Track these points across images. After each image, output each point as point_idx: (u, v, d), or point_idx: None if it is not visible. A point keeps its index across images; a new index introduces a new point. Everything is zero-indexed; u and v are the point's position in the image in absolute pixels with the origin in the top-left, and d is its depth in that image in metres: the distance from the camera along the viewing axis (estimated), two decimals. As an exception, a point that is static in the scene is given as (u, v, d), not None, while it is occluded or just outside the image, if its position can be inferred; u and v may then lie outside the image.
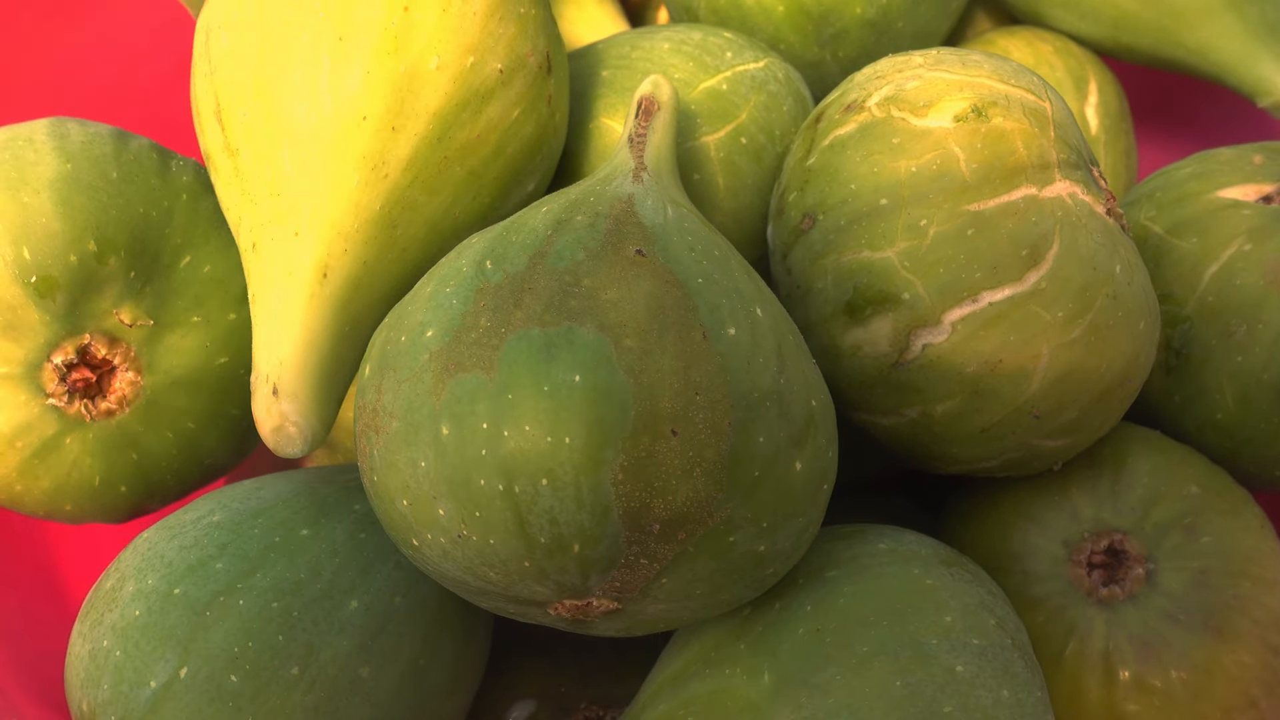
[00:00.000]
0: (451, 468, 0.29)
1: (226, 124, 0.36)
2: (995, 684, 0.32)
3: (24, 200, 0.35)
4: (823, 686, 0.32)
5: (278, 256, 0.36)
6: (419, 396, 0.29)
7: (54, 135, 0.37)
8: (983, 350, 0.35)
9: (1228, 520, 0.38)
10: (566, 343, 0.29)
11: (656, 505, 0.29)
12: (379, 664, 0.34)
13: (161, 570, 0.34)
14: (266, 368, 0.35)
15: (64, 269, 0.35)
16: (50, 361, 0.36)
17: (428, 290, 0.32)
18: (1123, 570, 0.38)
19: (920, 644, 0.32)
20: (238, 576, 0.33)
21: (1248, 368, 0.40)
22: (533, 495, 0.28)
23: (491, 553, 0.29)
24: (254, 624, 0.32)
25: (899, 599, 0.33)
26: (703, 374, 0.29)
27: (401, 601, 0.35)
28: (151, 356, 0.38)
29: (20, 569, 0.47)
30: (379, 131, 0.35)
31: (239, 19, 0.36)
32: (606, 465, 0.28)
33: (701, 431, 0.29)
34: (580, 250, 0.31)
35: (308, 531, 0.35)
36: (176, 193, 0.39)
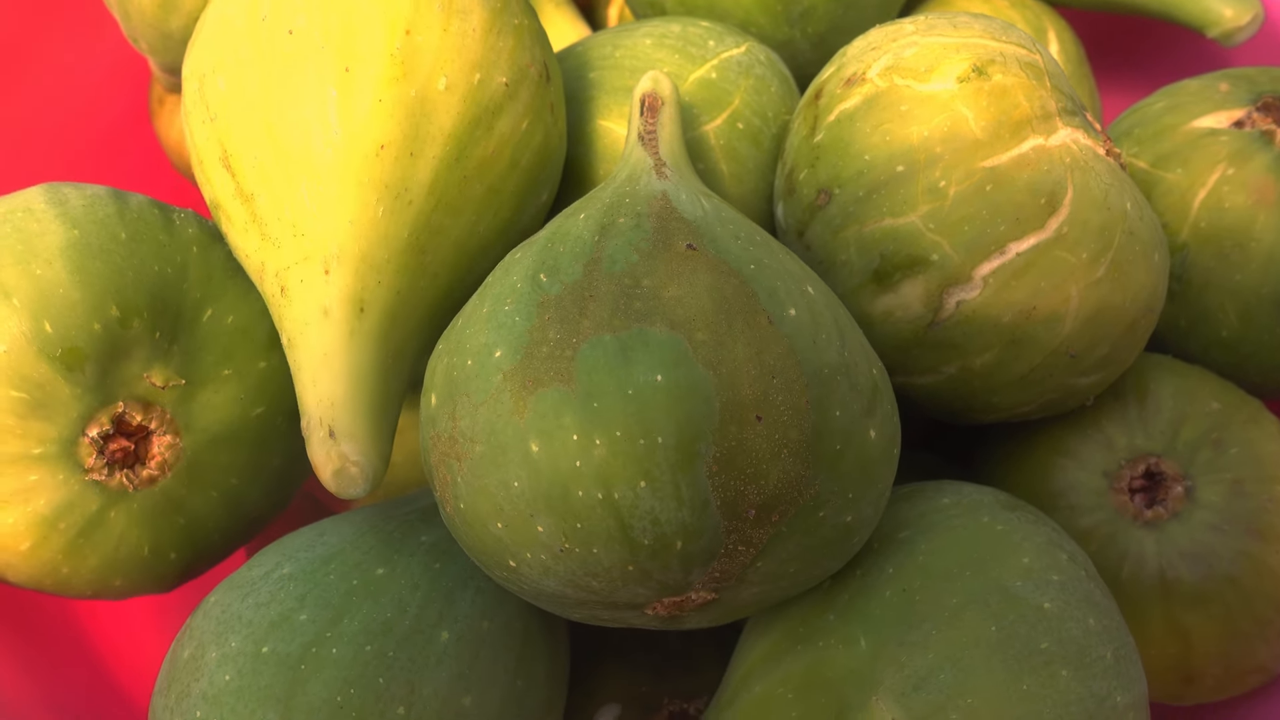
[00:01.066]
0: (547, 483, 0.29)
1: (237, 169, 0.35)
2: (1081, 614, 0.33)
3: (36, 272, 0.34)
4: (920, 643, 0.33)
5: (310, 297, 0.35)
6: (500, 418, 0.29)
7: (53, 202, 0.36)
8: (1016, 300, 0.36)
9: (1250, 430, 0.40)
10: (641, 344, 0.29)
11: (751, 491, 0.29)
12: (479, 691, 0.33)
13: (243, 631, 0.33)
14: (318, 411, 0.34)
15: (89, 338, 0.34)
16: (85, 436, 0.35)
17: (484, 311, 0.32)
18: (1163, 491, 0.40)
19: (1005, 588, 0.33)
20: (324, 625, 0.33)
21: (1246, 285, 0.42)
22: (633, 499, 0.28)
23: (595, 562, 0.29)
24: (351, 670, 0.32)
25: (975, 548, 0.34)
26: (775, 357, 0.29)
27: (489, 626, 0.35)
28: (187, 416, 0.37)
29: (56, 648, 0.45)
30: (398, 159, 0.35)
31: (235, 61, 0.35)
32: (701, 459, 0.28)
33: (784, 414, 0.29)
34: (633, 252, 0.31)
35: (383, 570, 0.35)
36: (186, 246, 0.38)
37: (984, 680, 0.31)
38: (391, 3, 0.35)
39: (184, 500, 0.37)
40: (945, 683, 0.32)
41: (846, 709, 0.33)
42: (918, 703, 0.32)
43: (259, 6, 0.35)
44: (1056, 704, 0.31)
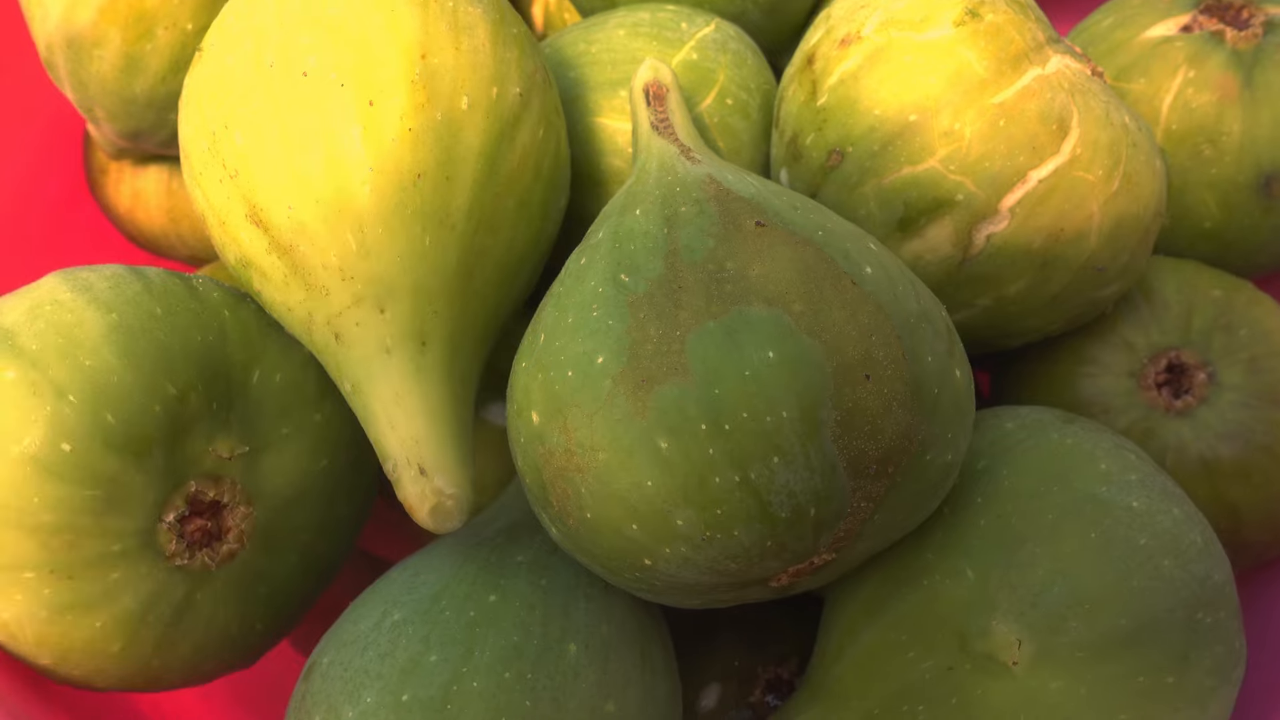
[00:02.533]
0: (683, 477, 0.29)
1: (269, 223, 0.34)
2: (1165, 506, 0.35)
3: (86, 364, 0.32)
4: (1027, 563, 0.34)
5: (369, 339, 0.35)
6: (620, 422, 0.29)
7: (77, 288, 0.34)
8: (1043, 224, 0.38)
9: (1253, 310, 0.43)
10: (744, 325, 0.29)
11: (870, 448, 0.30)
12: (618, 694, 0.34)
13: (375, 685, 0.32)
14: (404, 451, 0.34)
15: (152, 421, 0.33)
16: (163, 522, 0.34)
17: (569, 321, 0.32)
18: (1187, 380, 0.42)
19: (1093, 495, 0.35)
20: (458, 662, 0.32)
21: (1223, 176, 0.44)
22: (769, 476, 0.29)
23: (735, 544, 0.30)
24: (497, 700, 0.32)
25: (1054, 464, 0.36)
26: (867, 316, 0.30)
27: (609, 630, 0.35)
28: (256, 483, 0.36)
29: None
30: (436, 185, 0.34)
31: (249, 113, 0.34)
32: (824, 425, 0.29)
33: (887, 369, 0.30)
34: (707, 238, 0.32)
35: (495, 597, 0.34)
36: (217, 311, 0.36)
37: (1096, 584, 0.33)
38: (402, 29, 0.34)
39: (264, 568, 0.36)
40: (1060, 594, 0.33)
41: (966, 638, 0.34)
42: (1038, 618, 0.33)
43: (263, 54, 0.34)
44: (1166, 593, 0.33)
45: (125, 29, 0.40)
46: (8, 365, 0.32)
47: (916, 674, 0.36)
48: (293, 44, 0.34)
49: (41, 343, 0.32)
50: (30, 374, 0.32)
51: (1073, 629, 0.33)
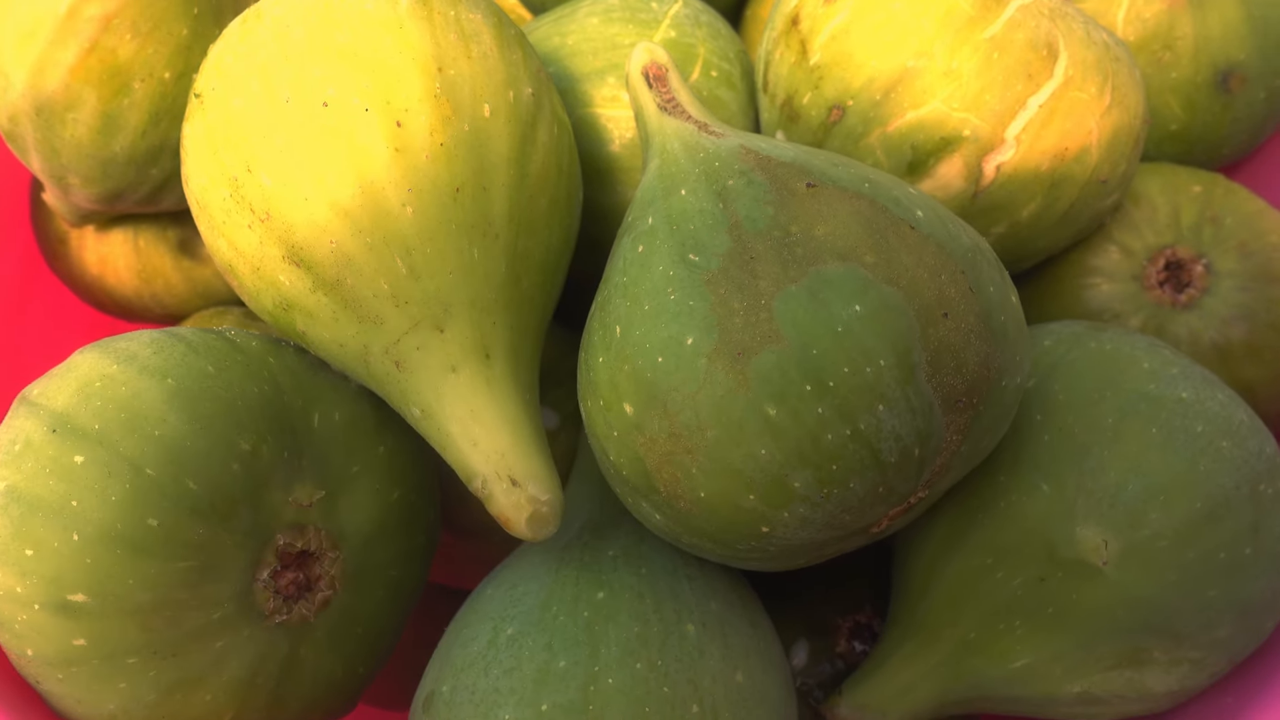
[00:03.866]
0: (795, 439, 0.29)
1: (311, 261, 0.33)
2: (1210, 392, 0.37)
3: (156, 434, 0.31)
4: (1098, 467, 0.36)
5: (432, 362, 0.34)
6: (724, 397, 0.30)
7: (123, 359, 0.33)
8: (1049, 146, 0.39)
9: (1231, 199, 0.46)
10: (825, 284, 0.30)
11: (957, 383, 0.31)
12: (744, 665, 0.34)
13: (510, 701, 0.32)
14: (491, 466, 0.33)
15: (233, 481, 0.32)
16: (258, 581, 0.33)
17: (645, 309, 0.32)
18: (1187, 274, 0.45)
19: (1145, 393, 0.37)
20: (587, 662, 0.32)
21: (1183, 78, 0.47)
22: (876, 425, 0.30)
23: (851, 496, 0.31)
24: (637, 691, 0.32)
25: (1101, 371, 0.38)
26: (932, 257, 0.31)
27: (718, 605, 0.36)
28: (338, 526, 0.35)
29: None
30: (475, 196, 0.34)
31: (273, 152, 0.33)
32: (918, 368, 0.30)
33: (959, 304, 0.31)
34: (765, 206, 0.32)
35: (603, 594, 0.34)
36: (262, 359, 0.35)
37: (1166, 475, 0.35)
38: (414, 45, 0.34)
39: (357, 609, 0.36)
40: (1135, 491, 0.35)
41: (1054, 548, 0.36)
42: (1118, 516, 0.35)
43: (276, 90, 0.33)
44: (1229, 471, 0.35)
45: (100, 87, 0.38)
46: (74, 449, 0.31)
47: (1008, 592, 0.37)
48: (306, 76, 0.33)
49: (104, 420, 0.31)
50: (100, 454, 0.31)
51: (1153, 520, 0.35)
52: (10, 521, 0.31)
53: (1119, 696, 0.37)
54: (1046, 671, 0.37)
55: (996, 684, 0.38)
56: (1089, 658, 0.36)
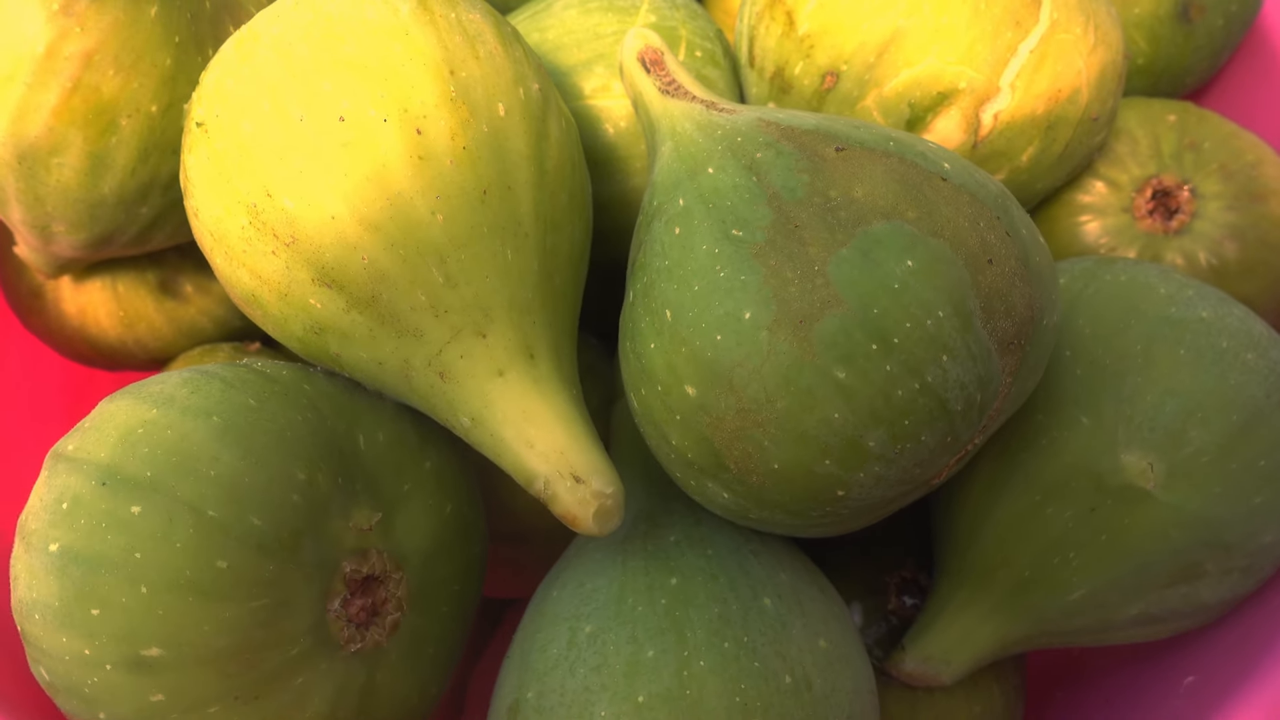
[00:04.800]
0: (868, 400, 0.30)
1: (344, 281, 0.33)
2: (1226, 309, 0.38)
3: (211, 474, 0.30)
4: (1133, 394, 0.37)
5: (478, 368, 0.34)
6: (790, 366, 0.30)
7: (161, 402, 0.32)
8: (1042, 89, 0.40)
9: (1205, 125, 0.47)
10: (875, 244, 0.30)
11: (1008, 326, 0.32)
12: (825, 631, 0.34)
13: (604, 697, 0.32)
14: (552, 465, 0.33)
15: (295, 513, 0.31)
16: (330, 612, 0.32)
17: (695, 289, 0.32)
18: (1174, 201, 0.46)
19: (1167, 317, 0.38)
20: (676, 649, 0.32)
21: (1146, 13, 0.48)
22: (942, 376, 0.30)
23: (922, 448, 0.31)
24: (729, 671, 0.32)
25: (1121, 301, 0.39)
26: (968, 206, 0.32)
27: (787, 576, 0.36)
28: (398, 546, 0.35)
29: None
30: (502, 197, 0.34)
31: (293, 174, 0.32)
32: (974, 316, 0.31)
33: (1001, 250, 0.32)
34: (800, 174, 0.32)
35: (676, 580, 0.34)
36: (297, 387, 0.35)
37: (1200, 392, 0.36)
38: (423, 50, 0.33)
39: (425, 628, 0.35)
40: (1173, 412, 0.36)
41: (1101, 478, 0.37)
42: (1160, 439, 0.36)
43: (287, 109, 0.32)
44: (1258, 381, 0.36)
45: (85, 127, 0.37)
46: (129, 500, 0.30)
47: (1059, 526, 0.38)
48: (318, 92, 0.32)
49: (155, 467, 0.30)
50: (158, 501, 0.30)
51: (1194, 438, 0.36)
52: (70, 583, 0.29)
53: (1174, 613, 0.38)
54: (1104, 599, 0.38)
55: (1055, 618, 0.39)
56: (1145, 580, 0.37)
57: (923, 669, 0.40)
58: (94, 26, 0.36)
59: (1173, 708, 0.39)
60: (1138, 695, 0.41)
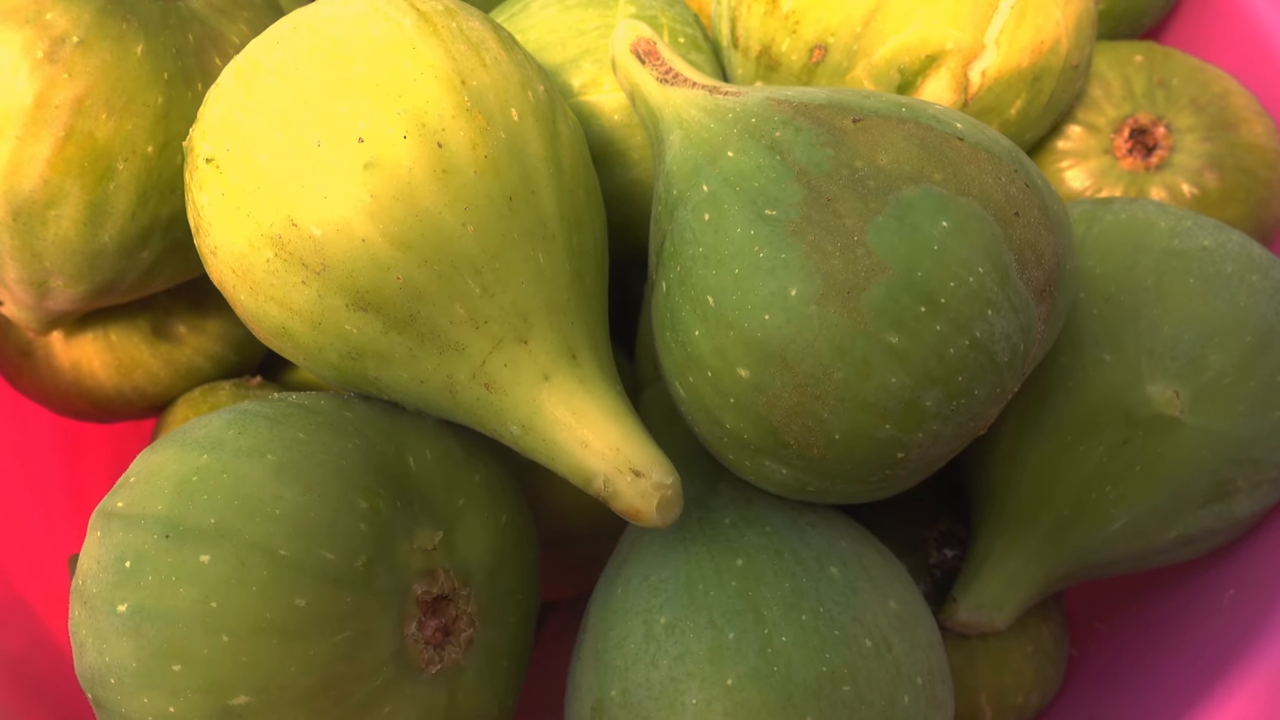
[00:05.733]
0: (922, 361, 0.30)
1: (381, 303, 0.32)
2: (1224, 236, 0.40)
3: (276, 513, 0.30)
4: (1151, 328, 0.38)
5: (523, 376, 0.34)
6: (844, 337, 0.30)
7: (209, 447, 0.31)
8: (1026, 43, 0.41)
9: (1170, 62, 0.49)
10: (908, 209, 0.31)
11: (1039, 274, 0.32)
12: (892, 592, 0.35)
13: (693, 685, 0.32)
14: (610, 463, 0.33)
15: (364, 543, 0.31)
16: (407, 637, 0.32)
17: (736, 272, 0.32)
18: (1151, 138, 0.48)
19: (1172, 249, 0.39)
20: (755, 628, 0.33)
21: (1102, -42, 0.50)
22: (989, 330, 0.31)
23: (976, 402, 0.32)
24: (811, 642, 0.32)
25: (1125, 239, 0.40)
26: (988, 163, 0.33)
27: (846, 544, 0.36)
28: (462, 563, 0.34)
29: None
30: (527, 202, 0.34)
31: (316, 199, 0.32)
32: (1010, 268, 0.31)
33: (1024, 202, 0.32)
34: (823, 148, 0.33)
35: (742, 560, 0.35)
36: (338, 414, 0.34)
37: (1214, 318, 0.37)
38: (432, 63, 0.33)
39: (497, 641, 0.35)
40: (1191, 339, 0.37)
41: (1129, 411, 0.38)
42: (1182, 366, 0.37)
43: (304, 136, 0.32)
44: (1266, 301, 0.38)
45: (82, 175, 0.36)
46: (197, 549, 0.29)
47: (1093, 462, 0.39)
48: (333, 116, 0.32)
49: (218, 512, 0.29)
50: (227, 547, 0.29)
51: (1213, 362, 0.37)
52: (147, 642, 0.29)
53: (1210, 531, 0.40)
54: (1143, 526, 0.39)
55: (1097, 550, 0.40)
56: (1181, 503, 0.39)
57: (976, 617, 0.41)
58: (82, 71, 0.35)
59: (1216, 623, 0.40)
60: (1179, 615, 0.43)
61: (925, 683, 0.34)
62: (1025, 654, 0.43)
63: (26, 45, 0.34)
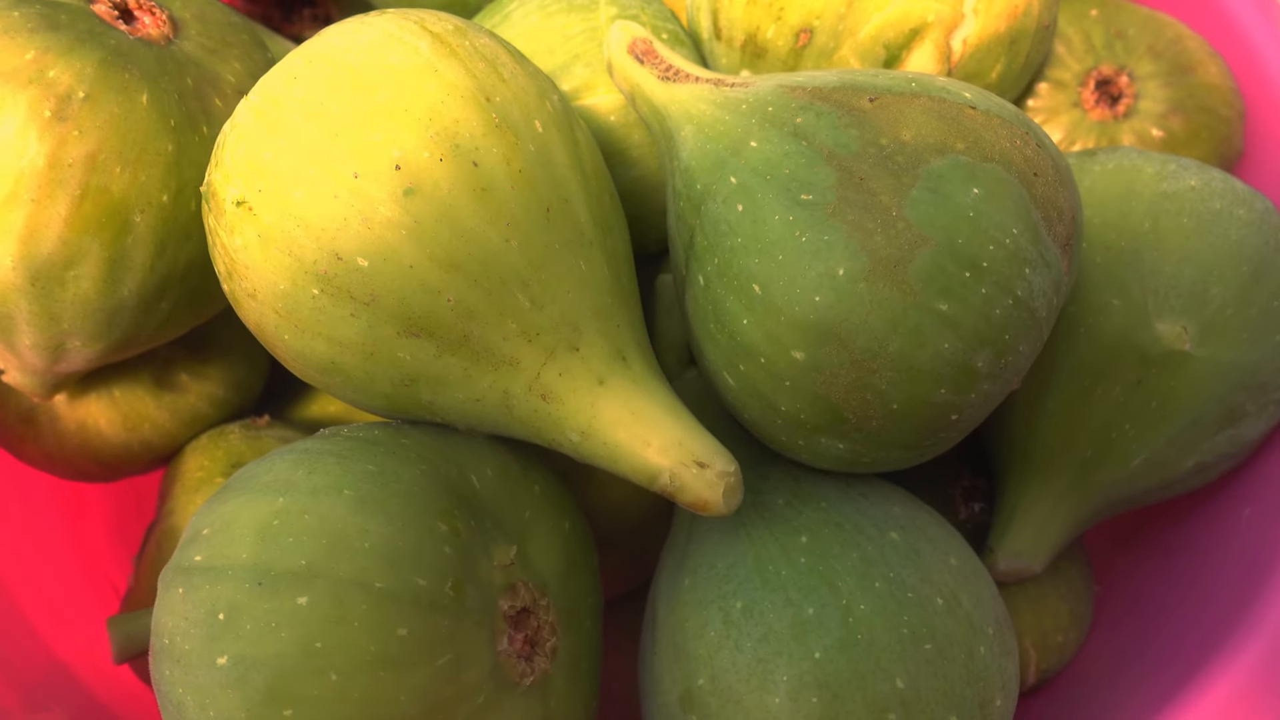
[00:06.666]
0: (972, 324, 0.32)
1: (434, 328, 0.32)
2: (1208, 174, 0.42)
3: (365, 547, 0.30)
4: (1152, 269, 0.40)
5: (579, 383, 0.34)
6: (896, 309, 0.31)
7: (284, 489, 0.31)
8: (1001, 8, 0.43)
9: (1123, 13, 0.51)
10: (939, 180, 0.32)
11: (1061, 229, 0.34)
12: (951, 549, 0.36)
13: (781, 662, 0.33)
14: (674, 457, 0.34)
15: (451, 565, 0.31)
16: (500, 653, 0.32)
17: (780, 258, 0.33)
18: (1115, 87, 0.50)
19: (1162, 192, 0.41)
20: (833, 600, 0.34)
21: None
22: (1028, 287, 0.32)
23: (1021, 358, 0.33)
24: (888, 607, 0.33)
25: (1117, 187, 0.42)
26: (1002, 128, 0.34)
27: (899, 509, 0.37)
28: (537, 573, 0.35)
29: None
30: (563, 211, 0.34)
31: (360, 232, 0.31)
32: (1038, 226, 0.33)
33: (1040, 162, 0.34)
34: (847, 129, 0.34)
35: (805, 537, 0.36)
36: (396, 441, 0.34)
37: (1210, 253, 0.40)
38: (457, 83, 0.33)
39: (577, 646, 0.36)
40: (1191, 276, 0.40)
41: (1142, 350, 0.40)
42: (1186, 302, 0.39)
43: (340, 169, 0.31)
44: (1255, 233, 0.40)
45: (101, 232, 0.35)
46: (292, 593, 0.29)
47: (1111, 403, 0.41)
48: (366, 146, 0.32)
49: (308, 554, 0.29)
50: (322, 586, 0.29)
51: (1215, 295, 0.39)
52: (254, 690, 0.29)
53: (1224, 456, 0.42)
54: (1162, 458, 0.41)
55: (1121, 487, 0.42)
56: (1197, 432, 0.41)
57: (1015, 564, 0.42)
58: (92, 126, 0.34)
59: (1236, 543, 0.43)
60: (1197, 540, 0.45)
61: (995, 632, 0.35)
62: (1060, 595, 0.45)
63: (33, 106, 0.33)
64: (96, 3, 0.37)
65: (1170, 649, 0.41)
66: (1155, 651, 0.42)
